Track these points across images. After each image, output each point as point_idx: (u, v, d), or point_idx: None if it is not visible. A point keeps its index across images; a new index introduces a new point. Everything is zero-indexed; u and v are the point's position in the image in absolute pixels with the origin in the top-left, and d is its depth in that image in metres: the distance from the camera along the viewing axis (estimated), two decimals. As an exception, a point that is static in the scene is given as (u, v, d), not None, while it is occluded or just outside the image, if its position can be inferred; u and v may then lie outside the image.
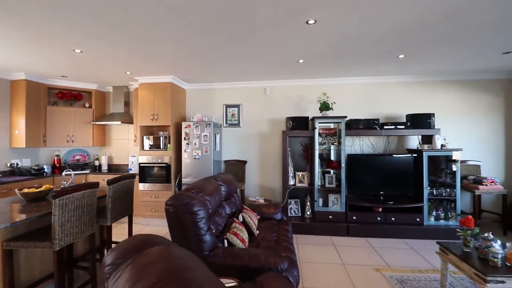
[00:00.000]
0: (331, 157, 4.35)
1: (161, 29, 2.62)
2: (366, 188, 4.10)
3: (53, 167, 4.76)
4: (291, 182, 4.27)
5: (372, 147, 4.46)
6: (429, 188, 3.84)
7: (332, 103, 4.14)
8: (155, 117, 4.44)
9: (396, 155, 4.07)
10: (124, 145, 5.24)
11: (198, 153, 4.33)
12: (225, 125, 4.94)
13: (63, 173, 3.13)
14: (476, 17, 2.39)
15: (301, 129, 4.23)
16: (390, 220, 3.84)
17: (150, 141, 4.52)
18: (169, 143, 4.46)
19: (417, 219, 3.79)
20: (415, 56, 3.43)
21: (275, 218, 3.34)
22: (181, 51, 3.25)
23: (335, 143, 4.12)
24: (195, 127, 4.34)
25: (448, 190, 3.84)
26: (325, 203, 4.17)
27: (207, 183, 2.73)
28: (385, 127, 4.03)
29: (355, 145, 4.46)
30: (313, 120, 4.11)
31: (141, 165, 4.45)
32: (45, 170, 4.57)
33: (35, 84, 4.38)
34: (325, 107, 4.09)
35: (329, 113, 4.13)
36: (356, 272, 2.84)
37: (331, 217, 4.00)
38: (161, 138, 4.49)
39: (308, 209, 4.19)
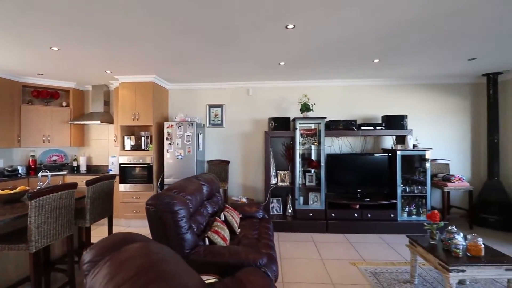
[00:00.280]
0: (312, 157, 4.48)
1: (141, 30, 2.62)
2: (344, 186, 4.27)
3: (28, 168, 4.59)
4: (273, 181, 4.37)
5: (350, 147, 4.64)
6: (402, 185, 4.07)
7: (312, 105, 4.28)
8: (137, 116, 4.39)
9: (372, 155, 4.28)
10: (104, 145, 5.13)
11: (180, 153, 4.32)
12: (208, 125, 4.95)
13: (39, 174, 3.04)
14: (443, 27, 2.58)
15: (283, 130, 4.33)
16: (366, 216, 4.02)
17: (131, 141, 4.46)
18: (151, 143, 4.42)
19: (391, 215, 4.00)
20: (389, 61, 3.62)
21: (256, 216, 3.41)
22: (161, 52, 3.25)
23: (316, 143, 4.26)
24: (178, 127, 4.33)
25: (419, 187, 4.08)
26: (305, 201, 4.30)
27: (188, 183, 2.76)
28: (362, 127, 4.22)
29: (335, 145, 4.63)
30: (294, 121, 4.23)
31: (122, 165, 4.38)
32: (20, 171, 4.39)
33: (8, 82, 4.20)
34: (305, 108, 4.22)
35: (310, 114, 4.26)
36: (333, 266, 2.98)
37: (311, 215, 4.14)
38: (143, 138, 4.44)
39: (289, 207, 4.30)
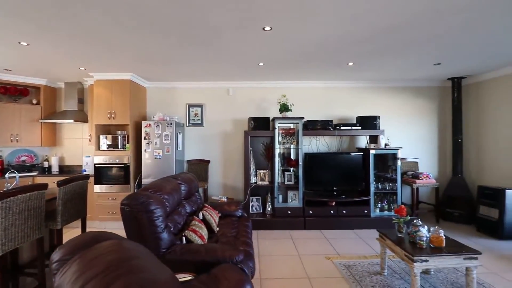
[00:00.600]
0: (291, 156, 4.58)
1: (117, 28, 2.57)
2: (321, 184, 4.41)
3: (-6, 169, 4.33)
4: (253, 180, 4.43)
5: (327, 146, 4.80)
6: (375, 183, 4.28)
7: (291, 105, 4.38)
8: (113, 115, 4.27)
9: (348, 154, 4.46)
10: (77, 145, 4.93)
11: (159, 153, 4.26)
12: (188, 125, 4.92)
13: (6, 175, 2.89)
14: (408, 33, 2.75)
15: (262, 129, 4.40)
16: (342, 213, 4.19)
17: (107, 141, 4.33)
18: (128, 142, 4.32)
19: (365, 211, 4.20)
20: (362, 64, 3.80)
21: (235, 215, 3.44)
22: (137, 50, 3.20)
23: (294, 143, 4.37)
24: (156, 127, 4.27)
25: (391, 184, 4.30)
26: (284, 200, 4.40)
27: (166, 182, 2.75)
28: (337, 128, 4.38)
29: (312, 144, 4.76)
30: (274, 120, 4.31)
31: (97, 165, 4.25)
32: (-16, 172, 4.14)
33: (-30, 77, 3.95)
34: (284, 108, 4.32)
35: (289, 114, 4.36)
36: (309, 261, 3.08)
37: (290, 213, 4.24)
38: (119, 137, 4.33)
39: (268, 206, 4.37)
